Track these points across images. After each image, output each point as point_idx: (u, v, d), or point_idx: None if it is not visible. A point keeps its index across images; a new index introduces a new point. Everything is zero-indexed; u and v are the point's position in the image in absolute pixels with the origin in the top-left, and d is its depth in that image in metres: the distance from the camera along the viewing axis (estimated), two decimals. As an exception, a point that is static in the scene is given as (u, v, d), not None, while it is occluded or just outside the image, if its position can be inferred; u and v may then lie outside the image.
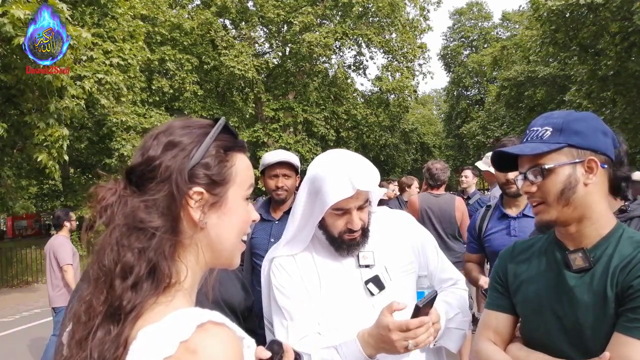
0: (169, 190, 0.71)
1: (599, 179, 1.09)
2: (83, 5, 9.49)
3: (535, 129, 1.14)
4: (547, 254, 1.17)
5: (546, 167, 1.09)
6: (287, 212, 2.47)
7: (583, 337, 1.07)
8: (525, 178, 1.13)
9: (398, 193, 6.24)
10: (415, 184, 6.09)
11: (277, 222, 2.56)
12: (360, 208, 1.38)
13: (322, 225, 1.42)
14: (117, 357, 0.65)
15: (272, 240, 2.45)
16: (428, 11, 22.22)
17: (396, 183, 6.50)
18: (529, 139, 1.15)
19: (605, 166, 1.09)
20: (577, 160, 1.08)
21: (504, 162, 1.20)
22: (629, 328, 0.99)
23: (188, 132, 0.76)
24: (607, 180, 1.12)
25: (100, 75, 8.93)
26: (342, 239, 1.40)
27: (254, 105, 20.66)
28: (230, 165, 0.78)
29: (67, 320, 0.74)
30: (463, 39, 34.69)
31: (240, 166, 0.80)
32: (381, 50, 21.62)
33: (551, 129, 1.11)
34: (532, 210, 1.17)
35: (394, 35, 21.29)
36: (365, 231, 1.42)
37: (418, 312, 1.20)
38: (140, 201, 0.71)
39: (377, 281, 1.41)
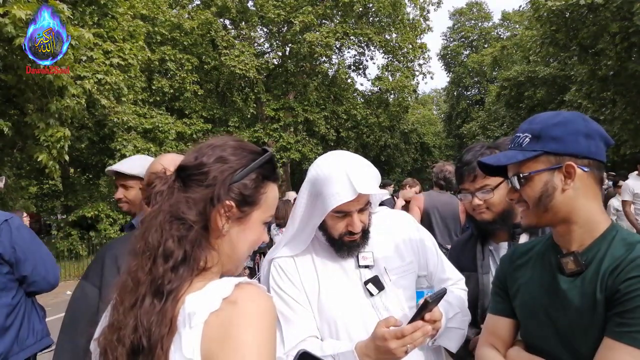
0: (209, 195, 0.86)
1: (580, 183, 1.08)
2: (83, 5, 9.49)
3: (518, 135, 1.15)
4: (543, 257, 1.18)
5: (522, 175, 1.10)
6: None
7: (575, 341, 1.07)
8: (511, 184, 1.15)
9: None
10: (417, 189, 6.13)
11: None
12: (361, 210, 1.38)
13: (322, 226, 1.42)
14: (164, 335, 0.76)
15: None
16: (428, 11, 22.20)
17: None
18: (511, 145, 1.16)
19: (587, 169, 1.08)
20: (554, 167, 1.08)
21: (495, 168, 1.21)
22: (617, 333, 0.98)
23: (239, 154, 0.91)
24: (597, 182, 1.11)
25: (100, 76, 8.93)
26: (343, 240, 1.40)
27: (254, 105, 20.66)
28: (263, 192, 0.92)
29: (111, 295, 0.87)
30: (463, 39, 34.66)
31: (270, 195, 0.94)
32: (381, 50, 21.62)
33: (530, 136, 1.11)
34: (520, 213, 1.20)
35: (394, 35, 21.29)
36: (365, 232, 1.42)
37: (426, 307, 1.20)
38: (184, 196, 0.86)
39: (376, 281, 1.42)
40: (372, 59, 30.03)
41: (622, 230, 1.10)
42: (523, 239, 1.64)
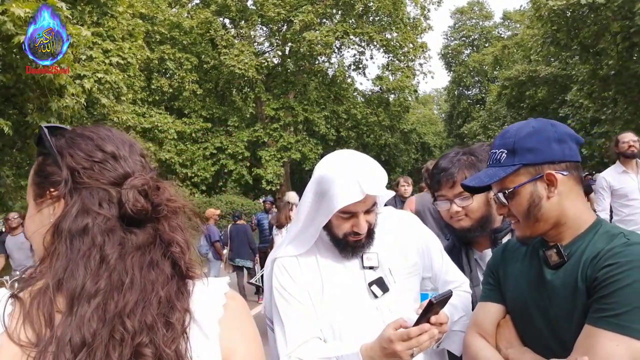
0: None
1: (563, 187, 1.12)
2: (82, 4, 9.47)
3: (494, 151, 1.19)
4: (532, 252, 1.22)
5: (507, 191, 1.14)
6: None
7: (561, 330, 1.10)
8: (498, 200, 1.18)
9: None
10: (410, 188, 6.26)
11: None
12: (367, 211, 1.36)
13: (327, 226, 1.40)
14: (185, 320, 0.78)
15: None
16: (429, 10, 22.18)
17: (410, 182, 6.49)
18: (490, 162, 1.20)
19: (566, 173, 1.11)
20: (536, 177, 1.11)
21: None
22: (594, 319, 1.00)
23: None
24: (577, 182, 1.14)
25: (100, 75, 8.91)
26: (347, 240, 1.38)
27: (254, 104, 20.64)
28: None
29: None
30: (464, 38, 34.66)
31: None
32: (381, 50, 21.60)
33: (506, 151, 1.15)
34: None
35: (394, 34, 21.27)
36: (370, 233, 1.40)
37: (430, 308, 1.19)
38: None
39: (381, 283, 1.40)
40: (372, 58, 30.05)
41: (606, 224, 1.14)
42: (516, 234, 1.64)
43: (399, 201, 5.86)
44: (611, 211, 4.46)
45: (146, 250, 0.78)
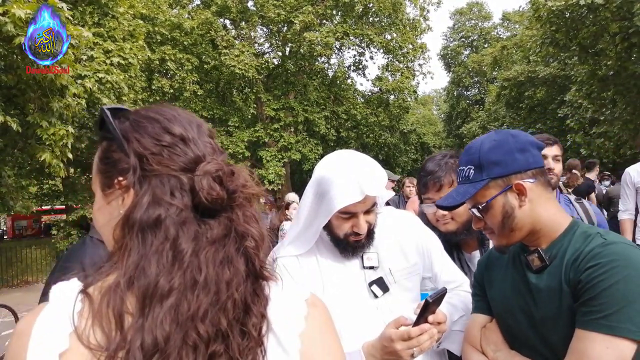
0: None
1: (533, 194, 1.15)
2: (83, 5, 9.48)
3: (462, 168, 1.22)
4: (514, 258, 1.25)
5: (480, 206, 1.17)
6: None
7: (547, 331, 1.12)
8: (474, 215, 1.21)
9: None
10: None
11: None
12: (367, 212, 1.37)
13: (327, 226, 1.41)
14: (261, 326, 0.71)
15: None
16: (428, 11, 22.17)
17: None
18: (460, 179, 1.23)
19: (533, 180, 1.14)
20: (505, 189, 1.15)
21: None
22: (584, 322, 1.02)
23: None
24: (546, 187, 1.17)
25: (101, 75, 8.92)
26: (347, 240, 1.39)
27: (254, 105, 20.63)
28: None
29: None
30: (463, 39, 34.63)
31: None
32: (381, 51, 21.59)
33: (473, 167, 1.19)
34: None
35: (394, 35, 21.26)
36: (370, 233, 1.41)
37: (427, 307, 1.20)
38: None
39: (381, 283, 1.41)
40: (372, 59, 29.99)
41: (582, 224, 1.17)
42: (493, 243, 1.65)
43: (402, 201, 5.87)
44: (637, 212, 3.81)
45: (220, 244, 0.70)
